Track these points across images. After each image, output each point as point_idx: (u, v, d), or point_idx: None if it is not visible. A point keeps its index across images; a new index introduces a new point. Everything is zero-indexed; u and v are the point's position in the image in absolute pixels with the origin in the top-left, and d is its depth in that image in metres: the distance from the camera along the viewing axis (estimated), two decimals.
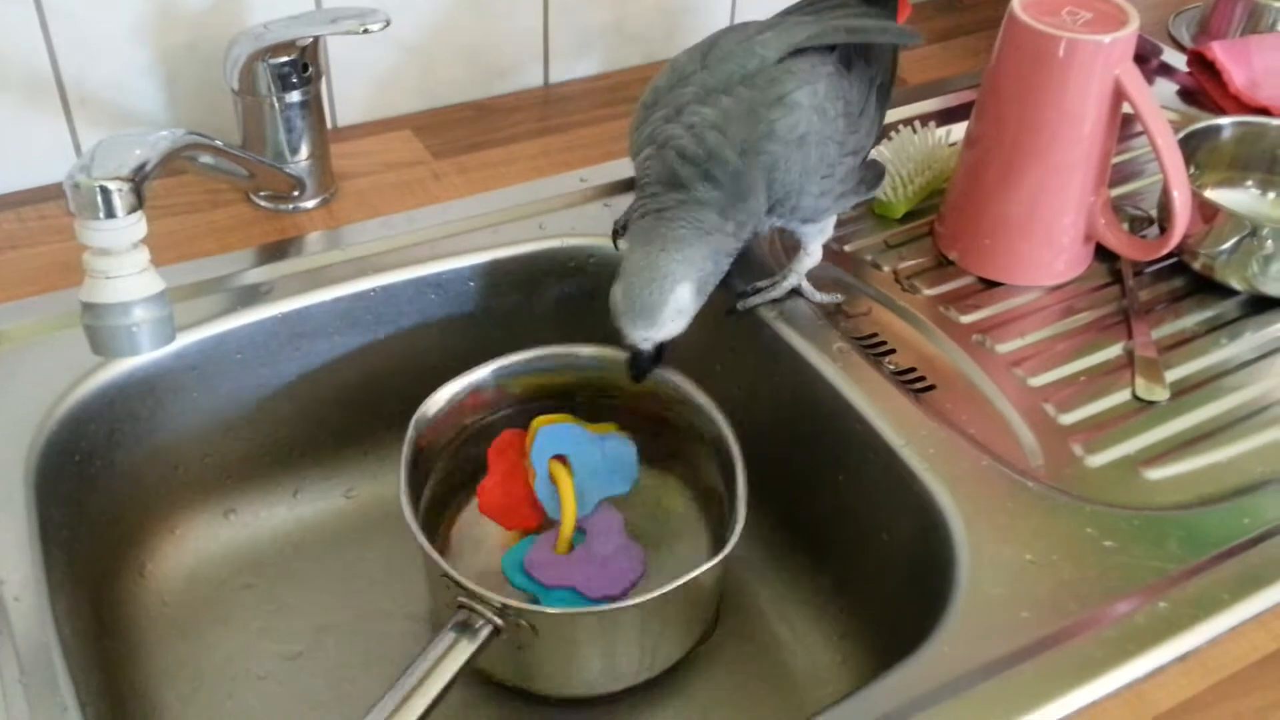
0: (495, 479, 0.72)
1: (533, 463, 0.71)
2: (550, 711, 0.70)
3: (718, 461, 0.72)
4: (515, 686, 0.68)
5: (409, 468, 0.67)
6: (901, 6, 0.74)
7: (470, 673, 0.61)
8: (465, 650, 0.60)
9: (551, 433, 0.72)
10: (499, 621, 0.61)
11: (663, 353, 0.69)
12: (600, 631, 0.65)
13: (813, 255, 0.75)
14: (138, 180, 0.55)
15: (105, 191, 0.54)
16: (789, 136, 0.65)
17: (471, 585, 0.61)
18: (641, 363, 0.69)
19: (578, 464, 0.71)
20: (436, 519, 0.76)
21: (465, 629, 0.61)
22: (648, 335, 0.66)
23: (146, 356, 0.70)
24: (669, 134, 0.65)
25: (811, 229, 0.73)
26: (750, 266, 0.78)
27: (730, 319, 0.76)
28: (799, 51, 0.66)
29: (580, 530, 0.72)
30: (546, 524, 0.72)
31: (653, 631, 0.66)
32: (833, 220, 0.75)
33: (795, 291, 0.76)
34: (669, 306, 0.64)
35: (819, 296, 0.76)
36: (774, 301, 0.76)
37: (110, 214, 0.54)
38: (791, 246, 0.77)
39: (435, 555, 0.63)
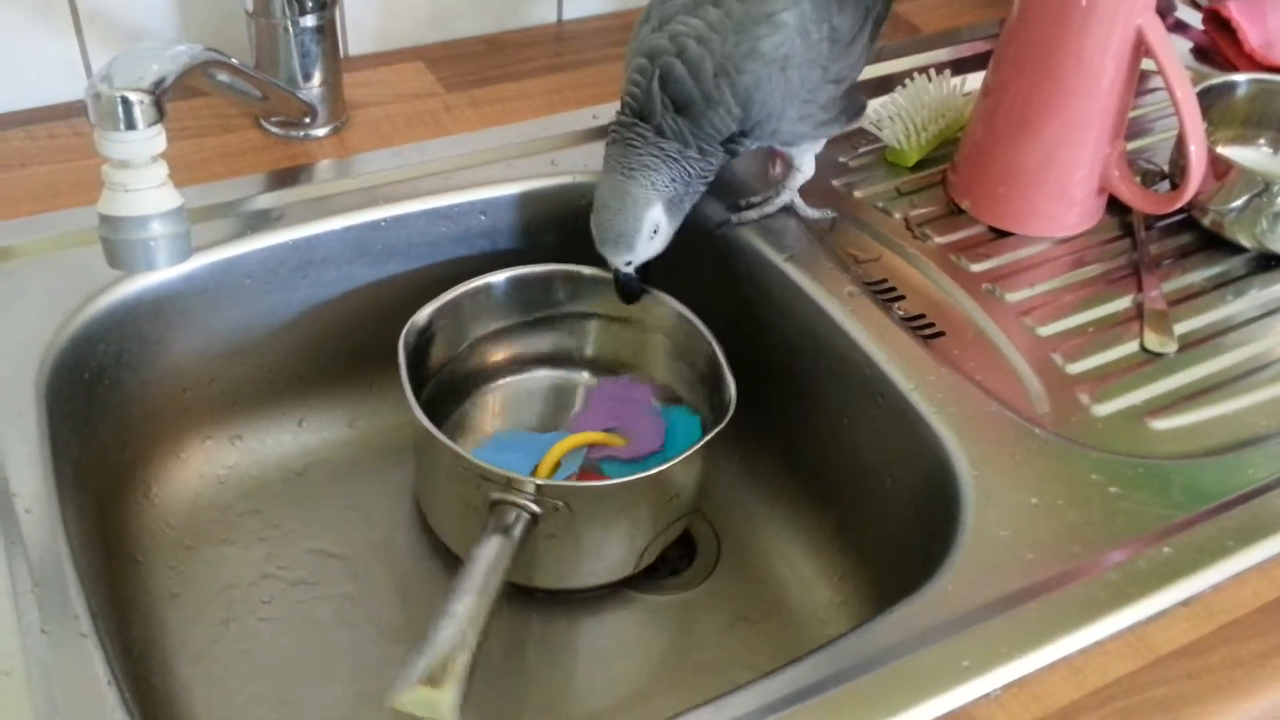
0: None
1: None
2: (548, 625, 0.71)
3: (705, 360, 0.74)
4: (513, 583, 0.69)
5: (410, 372, 0.68)
6: None
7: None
8: (509, 549, 0.62)
9: None
10: (535, 509, 0.62)
11: (648, 272, 0.72)
12: (631, 502, 0.68)
13: (805, 171, 0.76)
14: (158, 93, 0.55)
15: (126, 102, 0.53)
16: (772, 55, 0.65)
17: (505, 472, 0.63)
18: (630, 285, 0.72)
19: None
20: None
21: (502, 528, 0.62)
22: (629, 259, 0.70)
23: (156, 277, 0.70)
24: (653, 45, 0.66)
25: (801, 145, 0.74)
26: (743, 183, 0.79)
27: (740, 259, 0.76)
28: None
29: None
30: None
31: (664, 510, 0.70)
32: (822, 141, 0.75)
33: (788, 209, 0.77)
34: (643, 230, 0.68)
35: (811, 213, 0.77)
36: (766, 217, 0.77)
37: (130, 125, 0.54)
38: (786, 166, 0.78)
39: (466, 454, 0.64)
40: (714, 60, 0.65)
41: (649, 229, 0.68)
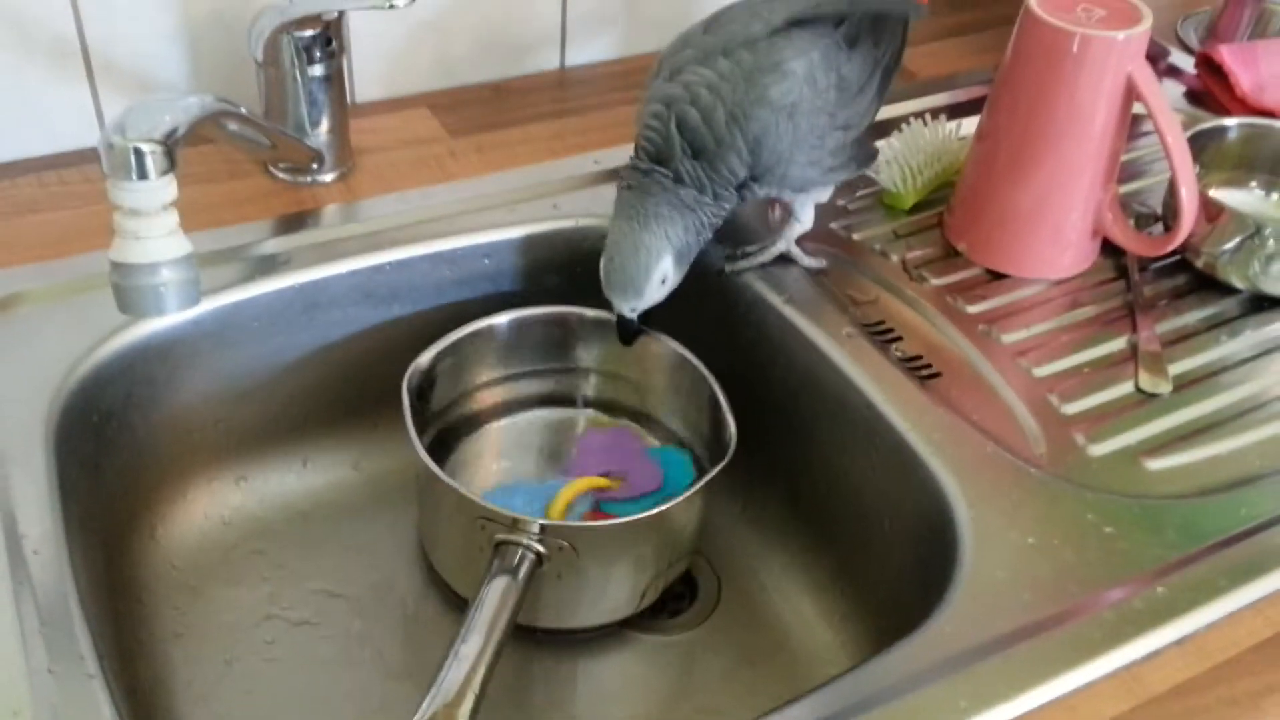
0: None
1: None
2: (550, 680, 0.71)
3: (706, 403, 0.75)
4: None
5: (413, 414, 0.69)
6: None
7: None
8: (515, 589, 0.63)
9: None
10: (540, 549, 0.63)
11: (649, 314, 0.73)
12: (635, 541, 0.68)
13: (803, 223, 0.78)
14: (169, 143, 0.56)
15: (139, 153, 0.55)
16: (780, 103, 0.67)
17: (511, 513, 0.64)
18: (630, 326, 0.73)
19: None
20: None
21: (507, 569, 0.63)
22: (634, 305, 0.71)
23: (164, 321, 0.71)
24: (668, 93, 0.68)
25: (802, 196, 0.75)
26: (743, 230, 0.80)
27: (739, 302, 0.77)
28: (803, 21, 0.68)
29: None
30: None
31: (666, 549, 0.71)
32: (828, 191, 0.76)
33: (784, 256, 0.78)
34: (653, 279, 0.69)
35: (807, 260, 0.79)
36: (761, 265, 0.78)
37: (143, 175, 0.55)
38: (785, 213, 0.79)
39: (471, 495, 0.65)
40: (725, 108, 0.67)
41: (659, 278, 0.69)
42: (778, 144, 0.68)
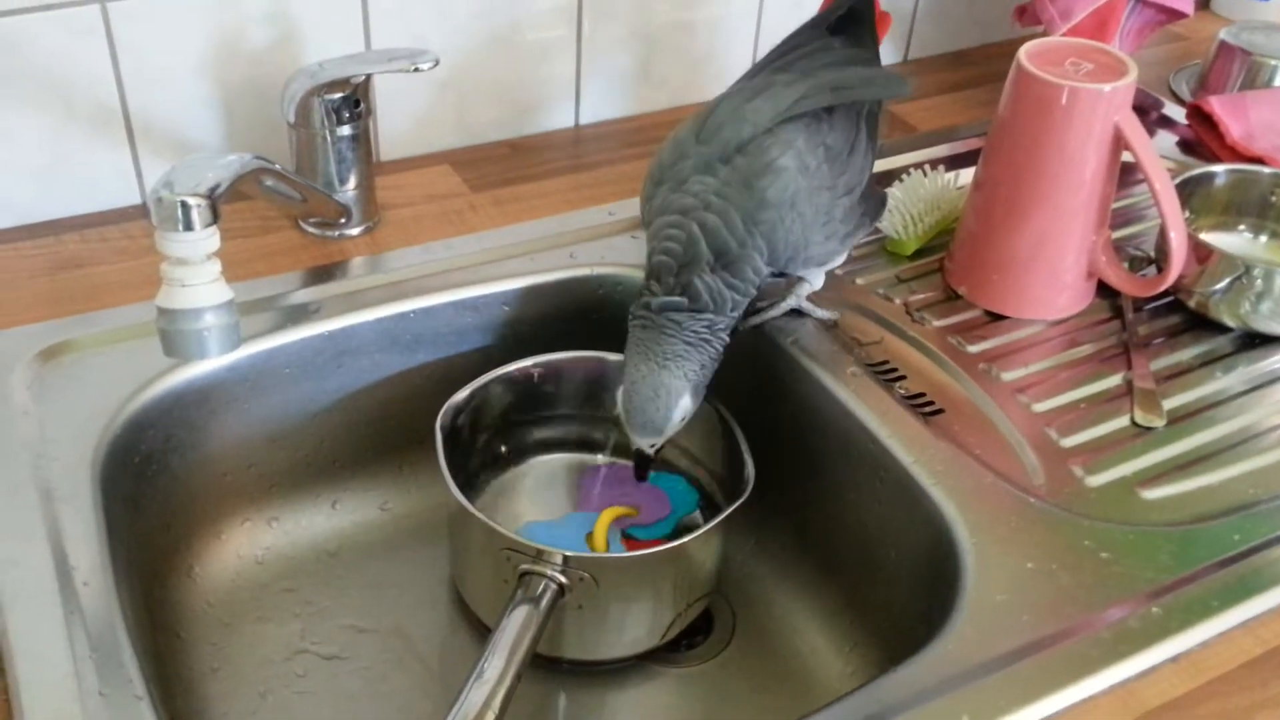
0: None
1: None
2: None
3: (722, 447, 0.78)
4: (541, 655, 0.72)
5: (445, 450, 0.72)
6: (881, 22, 0.79)
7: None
8: (536, 617, 0.65)
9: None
10: (562, 579, 0.66)
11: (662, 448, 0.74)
12: (654, 574, 0.71)
13: (814, 284, 0.81)
14: (213, 197, 0.60)
15: (185, 206, 0.59)
16: (780, 200, 0.68)
17: (534, 544, 0.67)
18: (647, 462, 0.75)
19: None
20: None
21: (530, 598, 0.66)
22: (654, 442, 0.72)
23: (202, 367, 0.75)
24: (682, 203, 0.68)
25: (817, 267, 0.79)
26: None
27: (748, 343, 0.80)
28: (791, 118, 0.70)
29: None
30: None
31: (685, 582, 0.73)
32: (844, 256, 0.79)
33: (795, 311, 0.81)
34: (673, 420, 0.70)
35: (819, 313, 0.81)
36: (772, 319, 0.81)
37: (189, 226, 0.59)
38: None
39: (497, 526, 0.68)
40: (737, 211, 0.68)
41: (679, 417, 0.70)
42: (789, 236, 0.69)
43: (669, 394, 0.69)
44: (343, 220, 0.85)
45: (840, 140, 0.72)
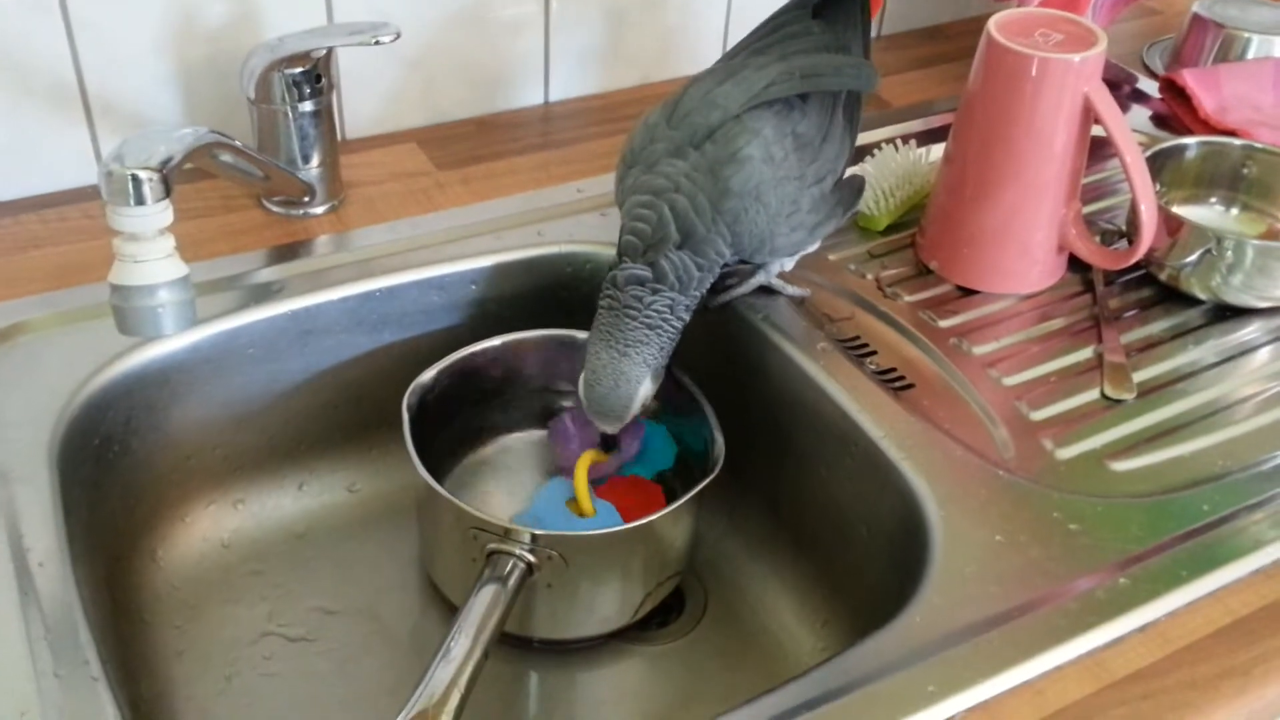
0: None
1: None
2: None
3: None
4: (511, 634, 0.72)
5: (413, 430, 0.71)
6: (873, 1, 0.78)
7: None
8: (504, 595, 0.65)
9: None
10: (531, 558, 0.66)
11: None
12: (623, 551, 0.71)
13: (785, 264, 0.80)
14: (165, 171, 0.59)
15: (136, 180, 0.58)
16: (743, 190, 0.68)
17: (503, 522, 0.66)
18: (612, 441, 0.76)
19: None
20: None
21: (498, 577, 0.65)
22: (616, 426, 0.73)
23: (162, 347, 0.73)
24: (653, 184, 0.68)
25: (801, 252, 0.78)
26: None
27: (718, 321, 0.80)
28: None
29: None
30: None
31: (655, 560, 0.73)
32: (815, 244, 0.79)
33: (765, 288, 0.81)
34: (634, 405, 0.71)
35: (790, 290, 0.81)
36: (741, 295, 0.80)
37: (140, 201, 0.58)
38: None
39: (464, 506, 0.68)
40: (705, 196, 0.68)
41: (640, 403, 0.71)
42: (753, 227, 0.69)
43: (629, 383, 0.70)
44: (306, 199, 0.84)
45: (812, 128, 0.72)
